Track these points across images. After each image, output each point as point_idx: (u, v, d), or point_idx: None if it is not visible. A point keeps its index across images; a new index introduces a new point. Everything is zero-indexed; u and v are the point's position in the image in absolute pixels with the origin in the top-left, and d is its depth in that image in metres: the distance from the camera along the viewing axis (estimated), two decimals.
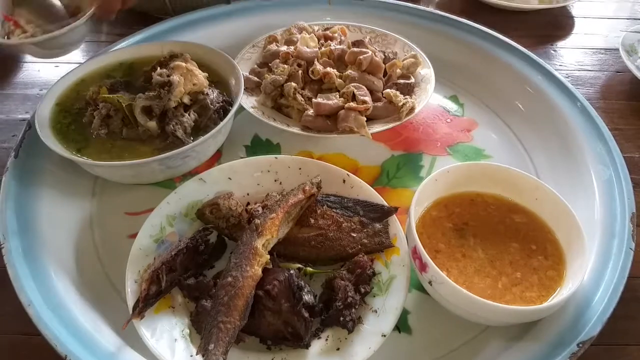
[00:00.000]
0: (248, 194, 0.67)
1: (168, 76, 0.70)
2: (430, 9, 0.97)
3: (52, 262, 0.61)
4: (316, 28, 0.89)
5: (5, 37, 0.76)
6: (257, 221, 0.58)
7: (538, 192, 0.60)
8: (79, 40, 0.77)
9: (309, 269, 0.60)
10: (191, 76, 0.71)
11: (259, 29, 0.90)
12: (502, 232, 0.59)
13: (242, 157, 0.76)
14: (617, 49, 0.98)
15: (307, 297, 0.54)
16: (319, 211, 0.63)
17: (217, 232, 0.63)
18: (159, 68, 0.73)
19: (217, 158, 0.76)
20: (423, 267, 0.54)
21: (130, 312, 0.54)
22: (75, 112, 0.73)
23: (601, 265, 0.60)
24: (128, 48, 0.84)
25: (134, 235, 0.61)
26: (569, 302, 0.54)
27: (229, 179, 0.67)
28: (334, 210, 0.63)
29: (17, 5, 0.79)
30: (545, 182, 0.64)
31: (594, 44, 1.02)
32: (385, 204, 0.63)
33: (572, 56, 0.99)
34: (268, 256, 0.56)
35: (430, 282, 0.54)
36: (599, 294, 0.57)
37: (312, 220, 0.62)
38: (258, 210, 0.62)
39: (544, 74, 0.83)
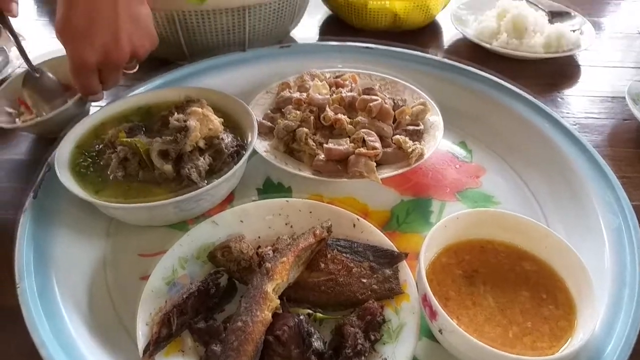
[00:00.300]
0: (259, 237, 0.68)
1: (185, 121, 0.72)
2: (438, 57, 0.99)
3: (65, 303, 0.62)
4: (328, 75, 0.92)
5: (18, 120, 0.87)
6: (268, 265, 0.59)
7: (547, 240, 0.61)
8: (73, 118, 0.81)
9: (319, 314, 0.60)
10: (207, 121, 0.73)
11: (272, 75, 0.93)
12: (512, 280, 0.60)
13: (254, 200, 0.78)
14: (624, 97, 0.99)
15: (317, 344, 0.54)
16: (329, 255, 0.64)
17: (228, 275, 0.64)
18: (176, 113, 0.76)
19: (229, 200, 0.78)
20: (433, 314, 0.54)
21: (141, 355, 0.54)
22: (94, 154, 0.75)
23: (612, 315, 0.59)
24: (147, 93, 0.87)
25: (146, 277, 0.62)
26: (580, 353, 0.53)
27: (241, 221, 0.69)
28: (344, 254, 0.64)
29: (23, 85, 0.87)
30: (555, 229, 0.64)
31: (601, 91, 1.04)
32: (395, 249, 0.64)
33: (579, 103, 1.00)
34: (278, 301, 0.57)
35: (440, 331, 0.53)
36: (611, 345, 0.56)
37: (323, 265, 0.63)
38: (269, 254, 0.63)
39: (550, 121, 0.85)
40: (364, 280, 0.62)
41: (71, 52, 0.74)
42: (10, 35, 0.86)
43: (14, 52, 1.07)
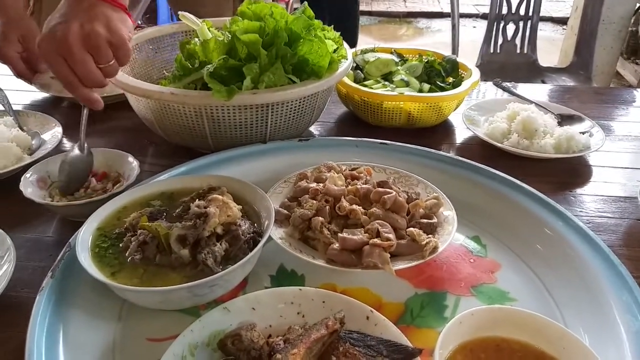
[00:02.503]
0: (270, 326, 0.67)
1: (205, 207, 0.75)
2: (450, 154, 1.03)
3: None
4: (344, 167, 0.96)
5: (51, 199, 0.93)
6: (279, 356, 0.58)
7: (565, 341, 0.59)
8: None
9: None
10: (226, 208, 0.75)
11: (291, 166, 0.97)
12: None
13: (266, 287, 0.78)
14: (636, 198, 1.01)
15: None
16: (341, 349, 0.62)
17: None
18: (197, 200, 0.79)
19: (242, 286, 0.78)
20: None
21: None
22: (114, 237, 0.78)
23: None
24: (170, 179, 0.91)
25: None
26: None
27: (253, 309, 0.68)
28: (357, 348, 0.63)
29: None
30: (573, 329, 0.62)
31: (613, 192, 1.05)
32: (410, 344, 0.62)
33: (591, 203, 1.02)
34: None
35: None
36: None
37: (334, 358, 0.61)
38: (280, 344, 0.62)
39: (564, 219, 0.85)
40: None
41: (50, 37, 0.80)
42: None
43: (47, 136, 1.14)
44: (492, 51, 2.82)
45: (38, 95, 1.41)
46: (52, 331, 0.66)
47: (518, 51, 2.83)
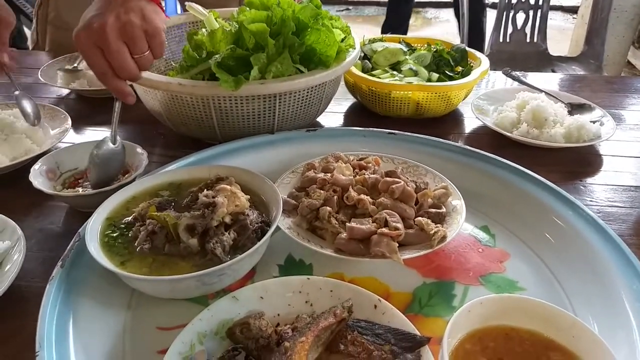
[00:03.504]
0: (279, 315, 0.68)
1: (213, 197, 0.75)
2: (459, 144, 1.02)
3: None
4: (351, 158, 0.95)
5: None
6: (287, 344, 0.58)
7: (575, 330, 0.59)
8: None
9: None
10: (234, 198, 0.76)
11: (298, 157, 0.97)
12: None
13: (275, 276, 0.78)
14: None
15: None
16: (349, 337, 0.62)
17: (246, 353, 0.62)
18: (205, 189, 0.79)
19: (250, 276, 0.78)
20: None
21: None
22: (123, 226, 0.78)
23: None
24: (179, 169, 0.91)
25: (163, 351, 0.61)
26: None
27: (261, 298, 0.69)
28: (365, 336, 0.63)
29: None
30: (582, 318, 0.62)
31: (623, 181, 1.04)
32: (418, 333, 0.62)
33: (602, 192, 1.01)
34: None
35: None
36: None
37: (342, 347, 0.62)
38: (288, 332, 0.62)
39: (574, 209, 0.85)
40: None
41: (87, 28, 0.81)
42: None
43: (56, 128, 1.15)
44: (501, 40, 2.81)
45: (46, 87, 1.42)
46: (62, 320, 0.67)
47: (528, 40, 2.81)
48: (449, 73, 1.31)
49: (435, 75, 1.29)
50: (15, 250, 0.78)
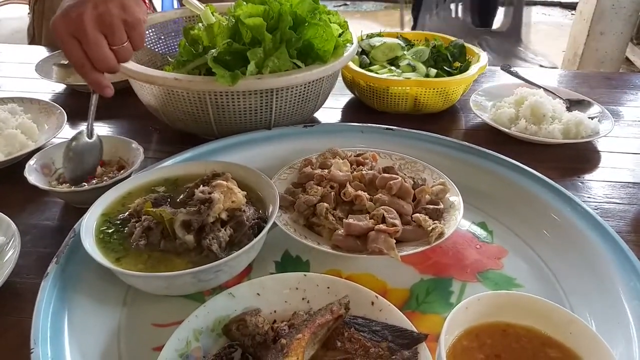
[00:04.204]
0: (275, 311, 0.67)
1: (209, 193, 0.75)
2: (457, 140, 1.02)
3: None
4: (349, 153, 0.95)
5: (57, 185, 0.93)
6: (284, 341, 0.58)
7: (572, 326, 0.58)
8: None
9: None
10: (231, 194, 0.75)
11: (295, 152, 0.96)
12: None
13: (271, 273, 0.77)
14: None
15: None
16: (346, 334, 0.62)
17: (242, 350, 0.62)
18: (201, 185, 0.78)
19: (247, 272, 0.78)
20: None
21: None
22: (119, 222, 0.77)
23: None
24: (174, 165, 0.90)
25: (158, 348, 0.61)
26: None
27: (258, 294, 0.68)
28: (362, 333, 0.62)
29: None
30: (579, 315, 0.62)
31: (621, 178, 1.04)
32: (415, 329, 0.62)
33: (599, 189, 1.00)
34: None
35: None
36: None
37: (339, 343, 0.61)
38: (284, 329, 0.62)
39: (572, 205, 0.84)
40: None
41: (64, 18, 0.78)
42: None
43: (51, 123, 1.14)
44: (428, 16, 3.13)
45: (40, 82, 1.41)
46: (57, 317, 0.67)
47: (453, 15, 3.13)
48: (447, 69, 1.30)
49: (433, 71, 1.28)
50: (10, 247, 0.77)
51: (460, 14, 3.11)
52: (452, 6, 3.03)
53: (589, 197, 0.98)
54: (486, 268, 0.79)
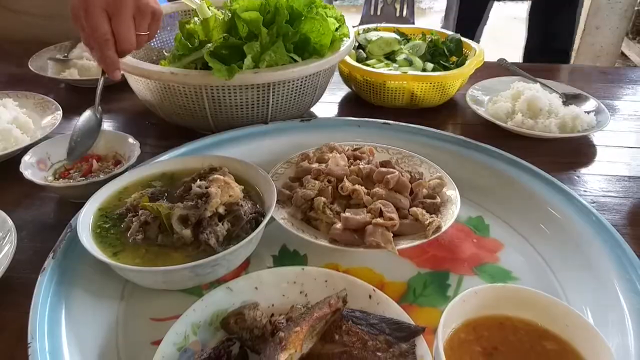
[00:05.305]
0: (273, 305, 0.67)
1: (206, 188, 0.75)
2: (454, 134, 1.02)
3: None
4: (346, 148, 0.95)
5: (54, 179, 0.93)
6: (282, 334, 0.58)
7: (569, 319, 0.59)
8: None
9: None
10: (228, 188, 0.75)
11: (292, 147, 0.96)
12: None
13: (269, 267, 0.78)
14: None
15: None
16: (343, 327, 0.62)
17: (240, 344, 0.62)
18: (198, 180, 0.78)
19: (244, 267, 0.78)
20: None
21: None
22: (116, 217, 0.77)
23: None
24: (171, 159, 0.90)
25: (157, 342, 0.61)
26: None
27: (256, 288, 0.68)
28: (360, 326, 0.63)
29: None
30: (576, 307, 0.62)
31: (617, 171, 1.04)
32: (412, 322, 0.62)
33: (596, 182, 1.01)
34: None
35: None
36: None
37: (337, 336, 0.61)
38: (282, 323, 0.62)
39: (568, 199, 0.85)
40: (380, 354, 0.60)
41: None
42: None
43: (47, 118, 1.14)
44: (372, 13, 3.19)
45: (36, 77, 1.40)
46: (55, 311, 0.66)
47: (397, 15, 3.17)
48: (444, 63, 1.30)
49: (430, 65, 1.28)
50: (6, 242, 0.77)
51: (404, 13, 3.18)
52: None
53: (585, 191, 0.98)
54: (483, 261, 0.79)
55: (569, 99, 1.25)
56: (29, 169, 0.91)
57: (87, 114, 0.98)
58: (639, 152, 1.12)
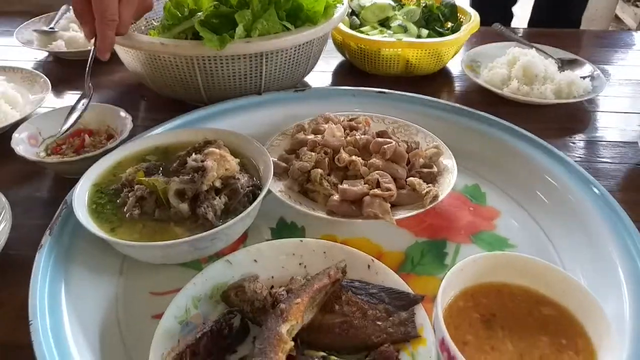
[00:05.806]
0: (273, 277, 0.68)
1: (202, 161, 0.74)
2: (450, 102, 1.01)
3: (77, 342, 0.61)
4: (342, 118, 0.94)
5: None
6: (283, 306, 0.58)
7: (565, 284, 0.60)
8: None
9: (333, 357, 0.59)
10: (224, 162, 0.74)
11: (287, 118, 0.95)
12: (530, 325, 0.58)
13: (267, 240, 0.78)
14: (636, 142, 1.00)
15: None
16: (343, 297, 0.63)
17: (241, 316, 0.63)
18: (193, 153, 0.77)
19: (243, 240, 0.78)
20: (451, 359, 0.52)
21: None
22: (111, 193, 0.76)
23: None
24: (165, 133, 0.89)
25: (158, 316, 0.61)
26: None
27: (255, 261, 0.68)
28: (359, 296, 0.63)
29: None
30: (572, 273, 0.63)
31: (612, 137, 1.04)
32: (411, 291, 0.63)
33: (591, 148, 1.01)
34: (292, 343, 0.56)
35: None
36: None
37: (337, 307, 0.62)
38: (282, 294, 0.62)
39: (564, 165, 0.85)
40: (380, 323, 0.61)
41: None
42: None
43: (35, 92, 1.11)
44: None
45: (21, 50, 1.36)
46: (54, 289, 0.66)
47: None
48: (438, 29, 1.28)
49: (425, 32, 1.26)
50: (2, 219, 0.76)
51: None
52: None
53: (580, 157, 0.98)
54: (479, 229, 0.80)
55: (565, 65, 1.24)
56: (20, 144, 0.89)
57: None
58: (633, 117, 1.12)
